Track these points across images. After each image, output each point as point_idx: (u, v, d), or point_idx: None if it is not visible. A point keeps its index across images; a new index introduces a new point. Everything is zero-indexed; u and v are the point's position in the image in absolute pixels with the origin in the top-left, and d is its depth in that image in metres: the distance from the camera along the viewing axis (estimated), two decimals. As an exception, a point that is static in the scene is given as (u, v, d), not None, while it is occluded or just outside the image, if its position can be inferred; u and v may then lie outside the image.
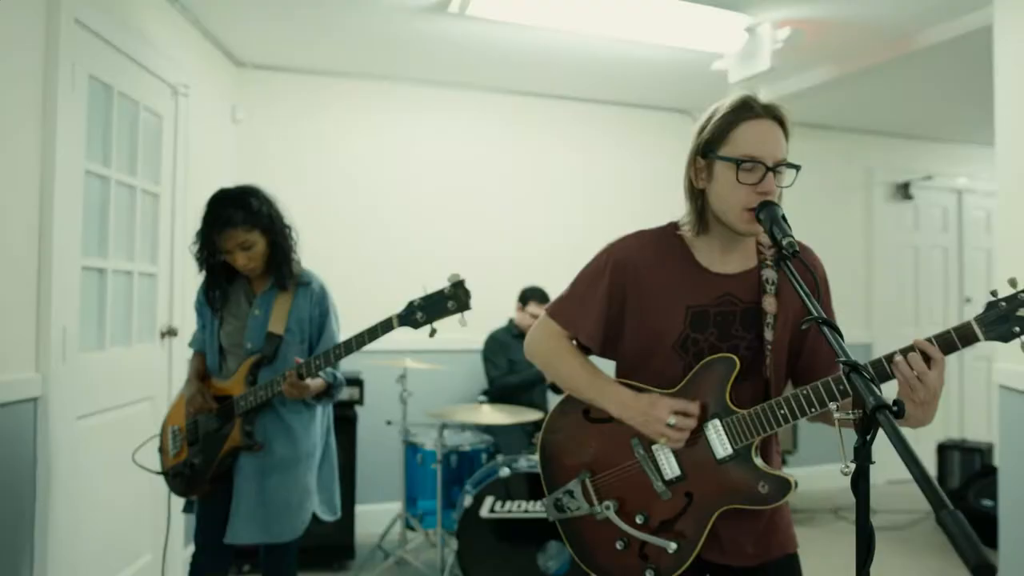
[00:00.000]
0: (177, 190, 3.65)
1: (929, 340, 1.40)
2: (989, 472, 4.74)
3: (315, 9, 3.81)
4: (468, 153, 5.13)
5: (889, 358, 1.41)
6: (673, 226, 1.75)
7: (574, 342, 1.81)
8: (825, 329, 1.25)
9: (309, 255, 3.88)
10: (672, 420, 1.59)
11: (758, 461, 1.59)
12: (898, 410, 1.03)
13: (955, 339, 1.39)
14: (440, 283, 2.33)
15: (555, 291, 4.76)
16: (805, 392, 1.50)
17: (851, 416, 1.15)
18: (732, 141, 1.57)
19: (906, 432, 4.19)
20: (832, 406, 1.39)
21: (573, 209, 5.35)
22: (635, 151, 5.49)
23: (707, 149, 1.61)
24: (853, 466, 1.07)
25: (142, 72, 3.31)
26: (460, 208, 5.09)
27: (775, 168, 1.55)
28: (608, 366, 1.82)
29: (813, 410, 1.50)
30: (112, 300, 3.12)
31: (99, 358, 3.03)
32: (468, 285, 2.29)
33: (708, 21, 3.75)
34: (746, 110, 1.57)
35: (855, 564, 1.09)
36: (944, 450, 5.22)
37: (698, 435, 1.63)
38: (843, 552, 4.43)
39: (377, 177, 4.93)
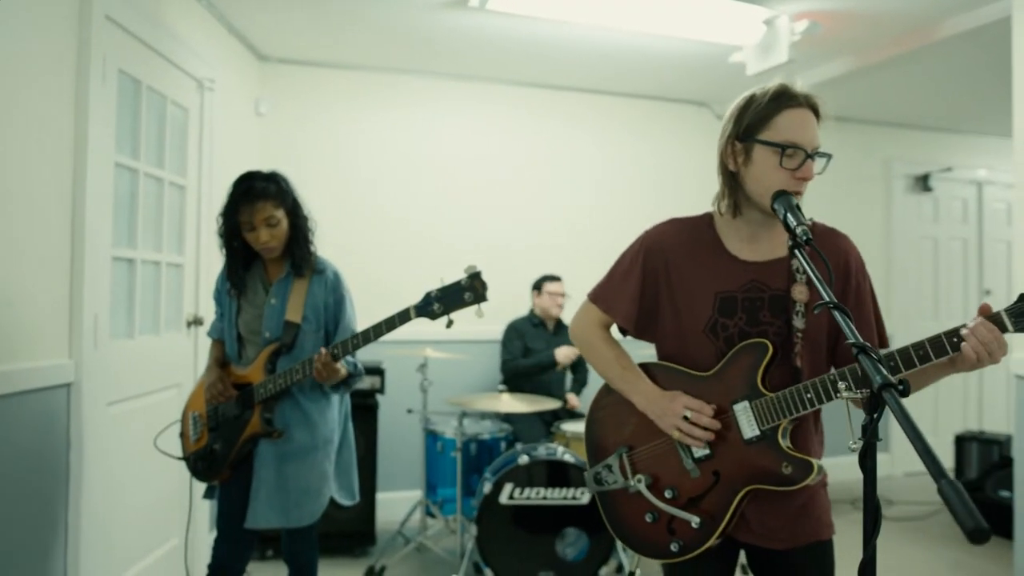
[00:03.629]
0: (203, 182, 3.72)
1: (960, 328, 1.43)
2: (1007, 464, 4.74)
3: (337, 4, 3.87)
4: (488, 145, 5.18)
5: (953, 333, 1.43)
6: (708, 215, 1.82)
7: (614, 326, 1.90)
8: (836, 313, 1.29)
9: (333, 247, 3.91)
10: (688, 414, 1.67)
11: (783, 443, 1.63)
12: (903, 389, 1.07)
13: None
14: (460, 274, 2.37)
15: (573, 280, 4.85)
16: (832, 376, 1.54)
17: (859, 395, 1.19)
18: (774, 127, 1.62)
19: (925, 424, 4.18)
20: (858, 393, 1.41)
21: (591, 201, 5.39)
22: (653, 143, 5.52)
23: (747, 134, 1.66)
24: (860, 443, 1.10)
25: (169, 66, 3.38)
26: (480, 200, 5.15)
27: (812, 155, 1.61)
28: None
29: (838, 395, 1.53)
30: (141, 290, 3.20)
31: (129, 346, 3.11)
32: (487, 275, 2.33)
33: (726, 13, 3.77)
34: (788, 98, 1.63)
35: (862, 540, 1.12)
36: (962, 442, 5.22)
37: (727, 416, 1.68)
38: (860, 543, 4.44)
39: (399, 169, 4.99)
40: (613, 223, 5.35)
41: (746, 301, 1.71)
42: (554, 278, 4.77)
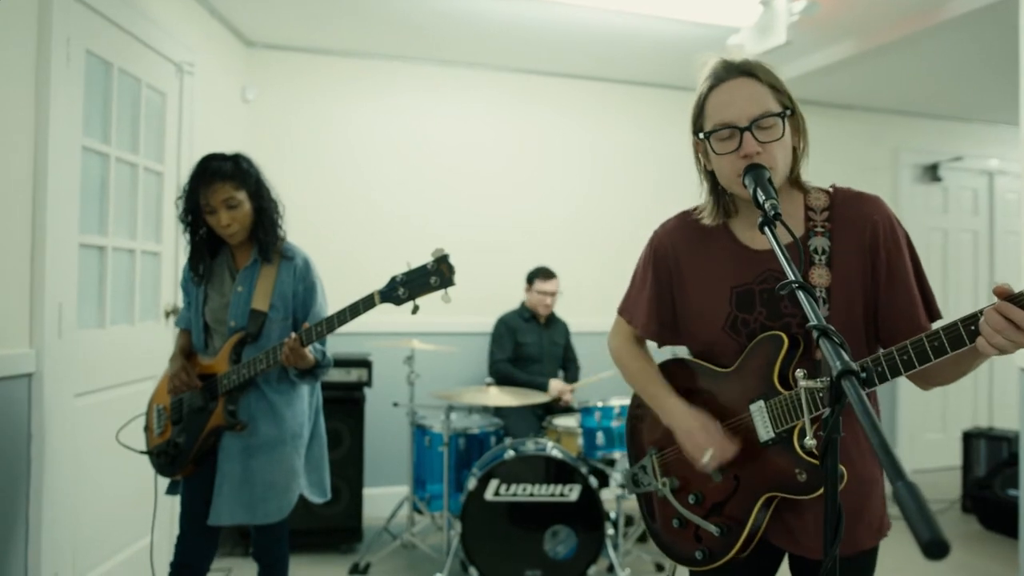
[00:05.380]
0: (182, 169, 3.62)
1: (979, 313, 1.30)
2: (1016, 461, 4.59)
3: (321, -14, 3.77)
4: (479, 133, 5.07)
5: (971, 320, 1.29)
6: None
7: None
8: (799, 293, 1.17)
9: (321, 235, 3.84)
10: (707, 457, 1.55)
11: (799, 447, 1.49)
12: (866, 377, 0.95)
13: None
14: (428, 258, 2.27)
15: (566, 272, 4.73)
16: None
17: (819, 384, 1.07)
18: (707, 114, 1.53)
19: (933, 420, 4.06)
20: (817, 382, 1.29)
21: (585, 191, 5.27)
22: (649, 131, 5.37)
23: (695, 129, 1.58)
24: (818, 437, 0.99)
25: (144, 49, 3.28)
26: (470, 188, 5.03)
27: (752, 127, 1.46)
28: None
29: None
30: (113, 278, 3.11)
31: (99, 336, 3.02)
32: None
33: (722, -7, 3.65)
34: (712, 78, 1.52)
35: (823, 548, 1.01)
36: (970, 438, 5.06)
37: (746, 417, 1.56)
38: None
39: (388, 157, 4.88)
40: (607, 214, 5.23)
41: (764, 293, 1.56)
42: (547, 274, 4.59)
